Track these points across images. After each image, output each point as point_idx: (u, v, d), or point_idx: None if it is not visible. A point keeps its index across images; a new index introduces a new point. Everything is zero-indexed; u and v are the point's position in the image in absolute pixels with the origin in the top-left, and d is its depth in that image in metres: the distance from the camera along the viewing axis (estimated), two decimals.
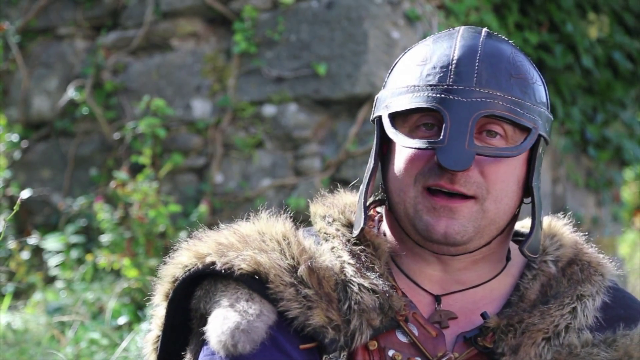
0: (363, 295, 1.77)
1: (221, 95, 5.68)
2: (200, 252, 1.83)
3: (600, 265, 1.92)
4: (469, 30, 1.87)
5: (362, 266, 1.82)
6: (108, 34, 5.99)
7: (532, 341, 1.78)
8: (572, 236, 1.97)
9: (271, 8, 5.61)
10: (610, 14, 6.95)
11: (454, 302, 1.86)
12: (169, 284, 1.87)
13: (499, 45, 1.85)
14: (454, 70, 1.79)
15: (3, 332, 4.36)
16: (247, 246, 1.81)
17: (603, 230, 7.76)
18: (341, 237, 1.88)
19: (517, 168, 1.83)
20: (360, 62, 5.35)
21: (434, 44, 1.86)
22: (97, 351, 4.11)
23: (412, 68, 1.85)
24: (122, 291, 4.76)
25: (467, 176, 1.77)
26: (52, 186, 6.05)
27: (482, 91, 1.77)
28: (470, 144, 1.74)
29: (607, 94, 7.27)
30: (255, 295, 1.76)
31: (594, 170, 7.65)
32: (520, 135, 1.82)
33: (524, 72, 1.84)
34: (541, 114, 1.84)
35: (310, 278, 1.77)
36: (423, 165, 1.80)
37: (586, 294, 1.85)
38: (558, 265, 1.90)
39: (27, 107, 6.12)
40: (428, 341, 1.80)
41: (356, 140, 5.40)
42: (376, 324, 1.76)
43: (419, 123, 1.82)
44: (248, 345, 1.71)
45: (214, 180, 5.65)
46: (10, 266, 5.48)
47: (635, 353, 1.77)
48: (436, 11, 5.71)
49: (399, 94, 1.84)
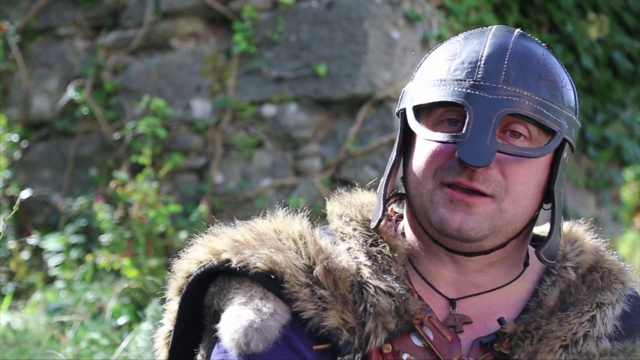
0: (379, 297, 1.75)
1: (221, 95, 5.67)
2: (215, 249, 1.81)
3: (622, 273, 1.89)
4: (501, 29, 1.84)
5: (379, 268, 1.80)
6: (108, 34, 5.99)
7: (550, 348, 1.75)
8: (594, 242, 1.94)
9: (271, 8, 5.61)
10: (610, 14, 6.95)
11: (469, 307, 1.84)
12: (183, 279, 1.85)
13: (530, 46, 1.82)
14: (483, 67, 1.77)
15: (3, 332, 4.36)
16: (263, 244, 1.79)
17: (603, 231, 7.75)
18: (358, 238, 1.86)
19: (539, 171, 1.80)
20: (360, 62, 5.34)
21: (465, 40, 1.84)
22: (97, 351, 4.10)
23: (440, 62, 1.83)
24: (122, 291, 4.76)
25: (487, 174, 1.74)
26: (52, 186, 6.04)
27: (509, 89, 1.75)
28: (492, 141, 1.71)
29: (607, 94, 7.27)
30: (269, 294, 1.74)
31: (594, 170, 7.65)
32: (544, 138, 1.78)
33: (554, 74, 1.81)
34: (568, 119, 1.81)
35: (326, 279, 1.75)
36: (444, 161, 1.77)
37: (606, 302, 1.81)
38: (578, 272, 1.87)
39: (27, 107, 6.12)
40: (443, 345, 1.78)
41: (356, 140, 5.40)
42: (391, 327, 1.74)
43: (443, 118, 1.79)
44: (261, 344, 1.69)
45: (214, 180, 5.65)
46: (10, 266, 5.47)
47: None
48: (436, 11, 5.71)
49: (425, 87, 1.82)
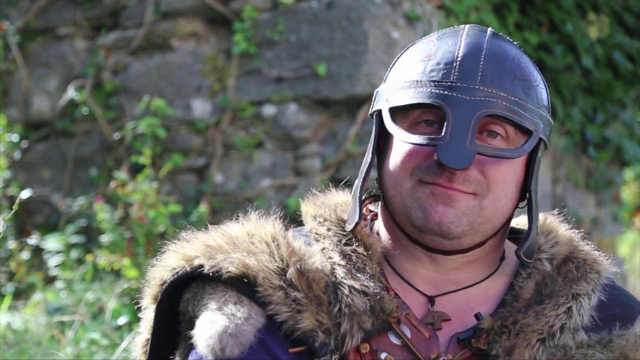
0: (354, 297, 1.74)
1: (221, 95, 5.67)
2: (188, 255, 1.80)
3: (597, 263, 1.89)
4: (474, 29, 1.85)
5: (353, 267, 1.79)
6: (108, 34, 5.99)
7: (527, 343, 1.75)
8: (568, 233, 1.93)
9: (271, 8, 5.61)
10: (610, 14, 6.95)
11: (448, 303, 1.84)
12: (157, 287, 1.84)
13: (504, 45, 1.83)
14: (458, 68, 1.77)
15: (3, 332, 4.36)
16: (236, 248, 1.78)
17: (603, 231, 7.76)
18: (332, 237, 1.85)
19: (517, 169, 1.82)
20: (360, 62, 5.34)
21: (439, 40, 1.84)
22: (97, 351, 4.10)
23: (415, 63, 1.83)
24: (122, 291, 4.75)
25: (466, 175, 1.75)
26: (52, 186, 6.04)
27: (486, 90, 1.75)
28: (471, 143, 1.72)
29: (607, 94, 7.27)
30: (243, 298, 1.74)
31: (594, 170, 7.65)
32: (521, 137, 1.80)
33: (528, 73, 1.82)
34: (542, 117, 1.82)
35: (300, 281, 1.74)
36: (421, 161, 1.78)
37: (582, 292, 1.82)
38: (553, 263, 1.87)
39: (27, 107, 6.12)
40: (421, 343, 1.77)
41: (356, 140, 5.40)
42: (367, 326, 1.73)
43: (420, 119, 1.80)
44: (236, 349, 1.68)
45: (214, 180, 5.65)
46: (10, 266, 5.47)
47: (631, 354, 1.74)
48: (436, 11, 5.71)
49: (400, 88, 1.81)
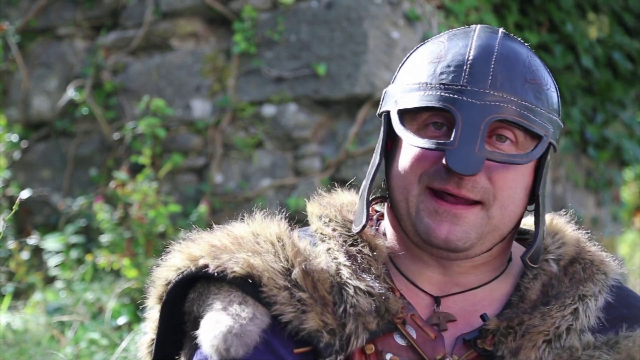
0: (359, 298, 1.73)
1: (221, 95, 5.67)
2: (193, 255, 1.79)
3: (603, 264, 1.87)
4: (485, 30, 1.82)
5: (358, 268, 1.78)
6: (108, 34, 5.99)
7: (533, 344, 1.73)
8: (575, 234, 1.91)
9: (271, 8, 5.61)
10: (610, 14, 6.95)
11: (453, 304, 1.83)
12: (162, 287, 1.83)
13: (515, 48, 1.81)
14: (469, 71, 1.74)
15: (3, 332, 4.36)
16: (241, 248, 1.78)
17: (603, 231, 7.75)
18: (338, 238, 1.84)
19: (525, 175, 1.79)
20: (360, 62, 5.34)
21: (449, 41, 1.81)
22: (97, 351, 4.10)
23: (424, 65, 1.80)
24: (122, 291, 4.75)
25: (475, 181, 1.73)
26: (52, 186, 6.04)
27: (496, 94, 1.73)
28: (480, 149, 1.69)
29: (607, 94, 7.27)
30: (248, 298, 1.73)
31: (593, 170, 7.64)
32: (530, 142, 1.77)
33: (539, 77, 1.81)
34: (552, 121, 1.80)
35: (305, 281, 1.74)
36: (429, 166, 1.75)
37: (588, 293, 1.80)
38: (560, 264, 1.85)
39: (27, 107, 6.12)
40: (426, 344, 1.76)
41: (356, 140, 5.40)
42: (372, 327, 1.72)
43: (428, 122, 1.77)
44: (241, 349, 1.68)
45: (213, 180, 5.65)
46: (10, 266, 5.47)
47: (637, 355, 1.73)
48: (436, 11, 5.70)
49: (409, 90, 1.79)
